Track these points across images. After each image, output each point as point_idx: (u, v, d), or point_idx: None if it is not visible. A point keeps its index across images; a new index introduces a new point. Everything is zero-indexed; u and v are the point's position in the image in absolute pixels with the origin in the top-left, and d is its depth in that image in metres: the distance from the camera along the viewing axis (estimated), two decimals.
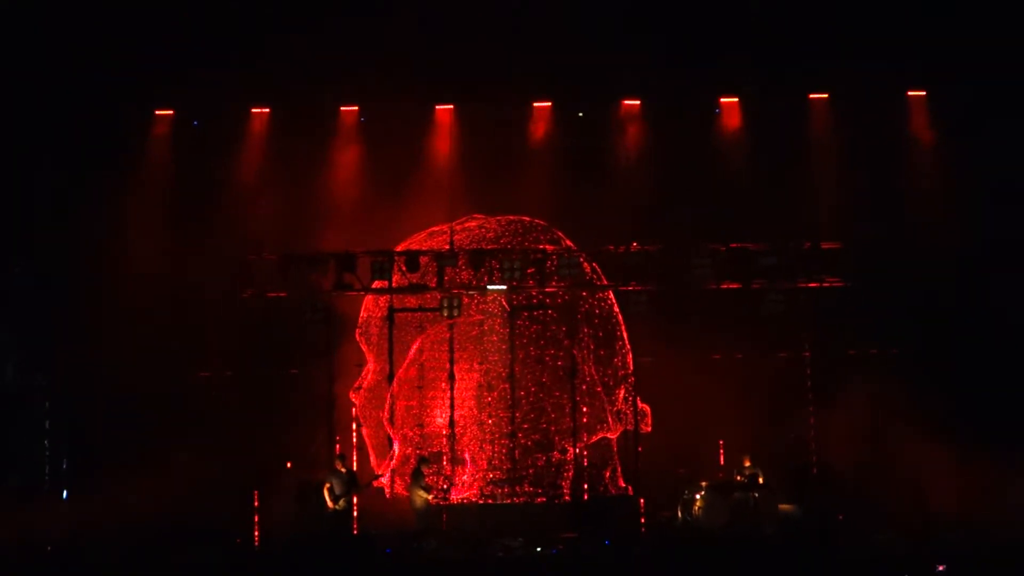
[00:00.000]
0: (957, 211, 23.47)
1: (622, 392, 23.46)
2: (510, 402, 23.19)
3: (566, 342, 23.33)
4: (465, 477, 23.21)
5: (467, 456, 23.30)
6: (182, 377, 24.14)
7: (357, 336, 23.92)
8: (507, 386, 23.20)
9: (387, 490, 23.33)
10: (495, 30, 22.77)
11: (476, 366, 23.43)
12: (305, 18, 22.84)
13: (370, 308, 23.98)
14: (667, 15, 22.66)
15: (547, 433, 23.32)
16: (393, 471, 23.33)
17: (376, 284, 22.95)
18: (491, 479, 23.18)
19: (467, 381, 23.42)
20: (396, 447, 23.41)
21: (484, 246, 23.22)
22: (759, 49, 23.01)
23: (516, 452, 23.11)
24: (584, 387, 23.17)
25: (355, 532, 22.51)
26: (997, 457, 21.35)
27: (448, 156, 24.48)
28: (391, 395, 23.43)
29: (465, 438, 23.39)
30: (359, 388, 23.76)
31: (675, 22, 22.68)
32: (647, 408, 23.24)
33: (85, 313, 24.09)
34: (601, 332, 23.49)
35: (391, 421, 23.46)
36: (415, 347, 23.63)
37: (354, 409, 23.81)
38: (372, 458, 23.72)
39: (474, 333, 23.50)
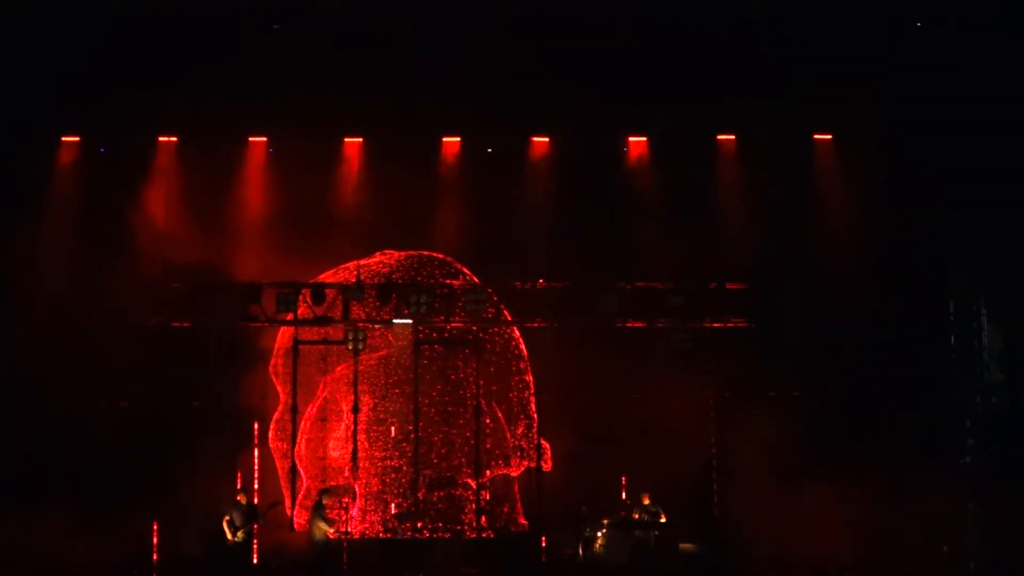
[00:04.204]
0: (862, 252, 23.68)
1: (521, 428, 23.54)
2: (400, 437, 23.24)
3: (452, 376, 23.42)
4: (354, 512, 23.18)
5: (357, 490, 23.28)
6: (85, 408, 23.66)
7: (270, 370, 23.85)
8: (395, 420, 23.31)
9: (294, 522, 23.23)
10: (405, 64, 22.76)
11: (367, 400, 23.44)
12: (214, 47, 22.71)
13: (280, 342, 23.94)
14: (577, 54, 22.74)
15: (439, 468, 23.36)
16: (296, 504, 23.27)
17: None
18: (392, 514, 23.19)
19: (360, 414, 23.38)
20: (304, 478, 23.35)
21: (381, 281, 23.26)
22: (667, 89, 23.15)
23: (418, 487, 23.10)
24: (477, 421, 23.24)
25: (255, 564, 22.37)
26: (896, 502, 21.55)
27: (357, 189, 24.38)
28: (295, 428, 23.39)
29: (359, 471, 23.35)
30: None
31: (585, 61, 22.76)
32: (547, 445, 23.35)
33: None
34: (493, 367, 23.61)
35: (296, 454, 23.41)
36: (322, 384, 23.64)
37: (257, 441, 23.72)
38: (284, 490, 23.60)
39: (363, 368, 23.53)
